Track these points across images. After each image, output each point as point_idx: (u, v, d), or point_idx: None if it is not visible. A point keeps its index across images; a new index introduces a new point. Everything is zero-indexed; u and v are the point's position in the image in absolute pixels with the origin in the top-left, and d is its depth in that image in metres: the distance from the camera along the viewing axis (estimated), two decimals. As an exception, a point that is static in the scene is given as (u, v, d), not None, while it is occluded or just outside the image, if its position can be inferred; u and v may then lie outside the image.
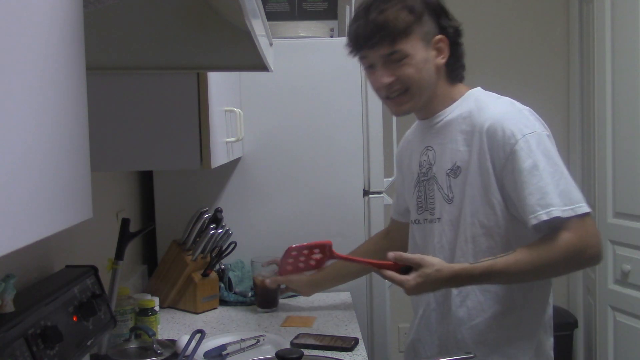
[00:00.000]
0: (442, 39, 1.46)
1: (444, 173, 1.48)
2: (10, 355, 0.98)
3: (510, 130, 1.37)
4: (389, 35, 1.41)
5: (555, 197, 1.33)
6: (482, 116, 1.42)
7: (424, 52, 1.44)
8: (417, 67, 1.44)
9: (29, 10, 0.52)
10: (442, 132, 1.50)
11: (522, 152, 1.35)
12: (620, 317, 2.80)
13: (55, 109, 0.58)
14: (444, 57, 1.47)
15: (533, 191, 1.34)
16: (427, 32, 1.45)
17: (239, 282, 2.26)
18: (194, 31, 1.24)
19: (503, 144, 1.37)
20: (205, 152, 1.56)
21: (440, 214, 1.50)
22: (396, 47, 1.42)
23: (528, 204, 1.34)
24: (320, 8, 2.48)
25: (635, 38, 2.61)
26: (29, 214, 0.52)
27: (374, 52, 1.45)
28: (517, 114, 1.41)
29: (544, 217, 1.32)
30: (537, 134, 1.37)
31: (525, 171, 1.34)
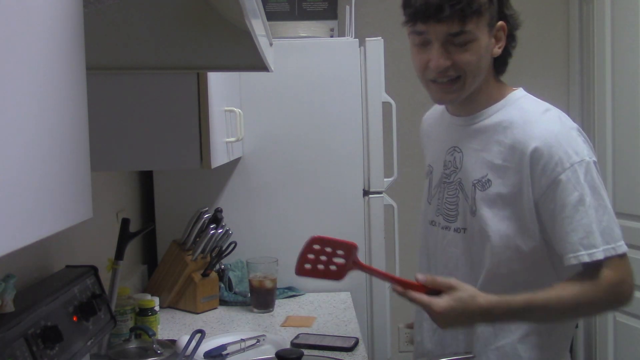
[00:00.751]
0: (503, 27, 1.35)
1: (471, 182, 1.36)
2: (10, 355, 0.98)
3: (559, 157, 1.26)
4: (462, 10, 1.28)
5: (599, 237, 1.26)
6: (528, 133, 1.30)
7: (487, 38, 1.33)
8: (478, 53, 1.32)
9: (29, 10, 0.52)
10: (477, 137, 1.38)
11: (569, 184, 1.25)
12: (620, 317, 2.80)
13: (55, 109, 0.58)
14: (500, 46, 1.36)
15: (576, 228, 1.25)
16: (492, 17, 1.34)
17: (239, 282, 2.26)
18: (194, 31, 1.24)
19: (548, 170, 1.27)
20: (205, 152, 1.56)
21: (464, 224, 1.38)
22: (466, 27, 1.29)
23: (569, 241, 1.26)
24: (320, 8, 2.48)
25: (635, 38, 2.61)
26: (29, 214, 0.52)
27: (439, 27, 1.30)
28: (567, 137, 1.30)
29: (586, 258, 1.25)
30: (585, 162, 1.27)
31: (570, 205, 1.25)
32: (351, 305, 2.16)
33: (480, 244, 1.35)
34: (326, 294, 2.29)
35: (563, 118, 1.35)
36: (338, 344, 1.74)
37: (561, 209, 1.26)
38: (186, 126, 1.55)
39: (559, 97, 3.39)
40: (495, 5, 1.34)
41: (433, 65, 1.33)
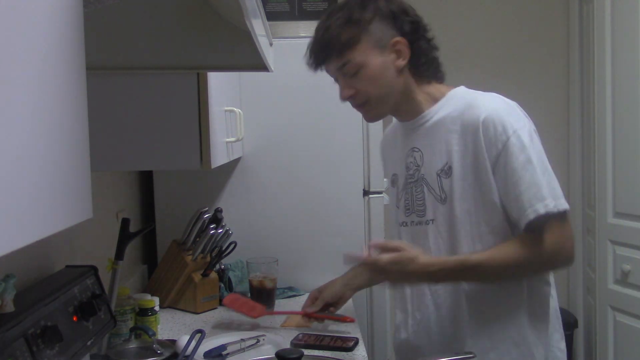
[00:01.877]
0: (400, 41, 1.43)
1: (435, 174, 1.45)
2: (10, 355, 0.98)
3: (503, 125, 1.36)
4: (334, 50, 1.44)
5: (547, 193, 1.34)
6: (475, 112, 1.40)
7: (379, 58, 1.43)
8: (373, 76, 1.43)
9: (29, 10, 0.52)
10: (430, 133, 1.47)
11: (515, 148, 1.34)
12: (620, 317, 2.80)
13: (55, 109, 0.58)
14: (404, 58, 1.44)
15: (528, 186, 1.34)
16: (380, 37, 1.42)
17: (239, 282, 2.26)
18: (194, 31, 1.24)
19: (496, 138, 1.36)
20: (205, 152, 1.56)
21: (433, 215, 1.46)
22: (345, 59, 1.43)
23: (525, 198, 1.34)
24: (320, 8, 2.47)
25: (635, 38, 2.61)
26: (29, 214, 0.52)
27: (328, 67, 1.49)
28: (508, 108, 1.41)
29: (542, 210, 1.32)
30: (527, 128, 1.37)
31: (519, 168, 1.34)
32: (351, 306, 2.16)
33: (453, 230, 1.43)
34: (326, 294, 2.29)
35: (503, 97, 1.45)
36: (338, 344, 1.74)
37: (512, 173, 1.35)
38: (186, 126, 1.55)
39: (559, 97, 3.40)
40: (380, 27, 1.43)
41: (340, 96, 1.51)
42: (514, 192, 1.35)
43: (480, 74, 3.38)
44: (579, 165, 3.29)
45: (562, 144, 3.38)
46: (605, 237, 2.86)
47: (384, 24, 1.43)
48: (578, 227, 3.32)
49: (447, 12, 3.34)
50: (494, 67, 3.37)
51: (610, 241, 2.83)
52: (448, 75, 1.57)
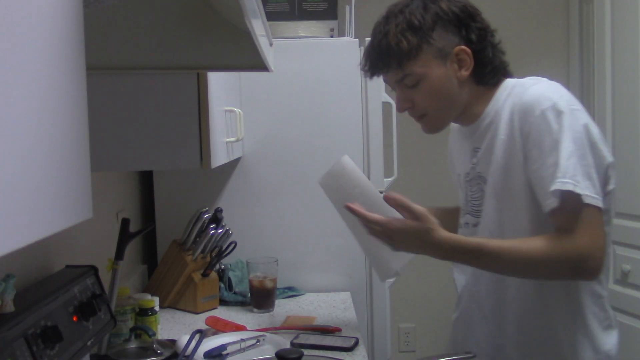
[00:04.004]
0: (463, 50, 1.34)
1: (490, 172, 1.36)
2: (10, 355, 0.98)
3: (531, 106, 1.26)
4: (393, 59, 1.34)
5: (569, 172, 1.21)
6: (514, 100, 1.32)
7: (441, 69, 1.34)
8: (433, 89, 1.35)
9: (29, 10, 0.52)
10: (488, 132, 1.38)
11: (540, 131, 1.24)
12: (620, 317, 2.80)
13: (55, 109, 0.58)
14: (467, 69, 1.36)
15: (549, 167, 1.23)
16: (442, 47, 1.34)
17: (239, 282, 2.26)
18: (194, 31, 1.24)
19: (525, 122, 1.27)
20: (205, 152, 1.56)
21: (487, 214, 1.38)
22: (405, 71, 1.35)
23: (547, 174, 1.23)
24: (320, 8, 2.47)
25: (635, 38, 2.61)
26: (29, 214, 0.52)
27: (387, 77, 1.40)
28: (547, 88, 1.30)
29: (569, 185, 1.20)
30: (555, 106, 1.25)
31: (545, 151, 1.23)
32: (351, 305, 2.16)
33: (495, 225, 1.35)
34: (326, 294, 2.29)
35: (553, 83, 1.35)
36: (338, 344, 1.74)
37: (536, 159, 1.25)
38: (186, 126, 1.55)
39: (559, 97, 3.40)
40: (443, 35, 1.34)
41: (397, 108, 1.43)
42: (537, 180, 1.26)
43: (480, 74, 3.38)
44: (579, 165, 3.28)
45: (562, 144, 3.37)
46: (605, 237, 2.86)
47: (447, 31, 1.34)
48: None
49: (447, 12, 3.34)
50: (494, 67, 3.37)
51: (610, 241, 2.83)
52: None
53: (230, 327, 1.91)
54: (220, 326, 1.92)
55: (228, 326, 1.92)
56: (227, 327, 1.92)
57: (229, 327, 1.91)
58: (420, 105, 1.39)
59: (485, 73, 1.38)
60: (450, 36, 1.35)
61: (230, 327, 1.91)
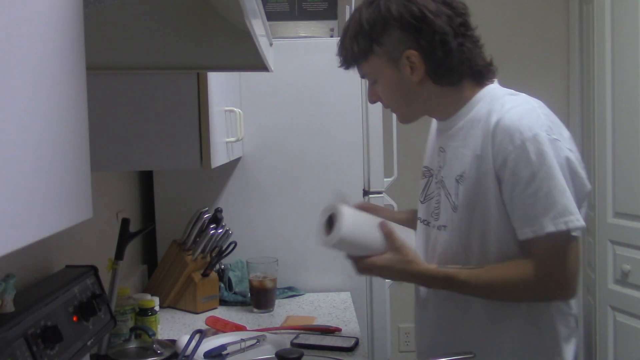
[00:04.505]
0: (412, 54, 1.36)
1: (453, 179, 1.38)
2: (10, 355, 0.98)
3: (511, 133, 1.27)
4: (350, 60, 1.44)
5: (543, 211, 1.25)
6: (493, 116, 1.32)
7: (393, 72, 1.39)
8: (387, 88, 1.43)
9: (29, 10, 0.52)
10: (457, 136, 1.40)
11: (521, 161, 1.26)
12: (620, 317, 2.80)
13: (55, 109, 0.58)
14: (418, 73, 1.37)
15: (525, 205, 1.27)
16: (392, 50, 1.37)
17: (239, 282, 2.26)
18: (194, 31, 1.24)
19: (502, 147, 1.28)
20: (205, 152, 1.56)
21: (446, 221, 1.40)
22: (362, 71, 1.45)
23: (518, 218, 1.28)
24: (320, 8, 2.47)
25: (635, 38, 2.61)
26: (29, 214, 0.52)
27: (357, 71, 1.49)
28: (526, 112, 1.31)
29: (529, 234, 1.27)
30: (538, 137, 1.26)
31: (522, 182, 1.26)
32: (351, 305, 2.16)
33: (465, 239, 1.37)
34: (326, 294, 2.29)
35: (530, 99, 1.37)
36: (338, 344, 1.74)
37: (512, 187, 1.28)
38: (186, 126, 1.55)
39: (559, 97, 3.40)
40: (393, 39, 1.36)
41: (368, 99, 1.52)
42: (511, 208, 1.29)
43: (480, 74, 3.38)
44: (579, 165, 3.28)
45: (562, 144, 3.37)
46: (605, 237, 2.85)
47: (397, 35, 1.36)
48: (578, 227, 3.32)
49: (447, 12, 3.33)
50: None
51: (610, 241, 2.83)
52: None
53: (230, 327, 1.91)
54: (220, 326, 1.92)
55: (228, 326, 1.92)
56: (227, 327, 1.92)
57: (229, 327, 1.91)
58: (384, 100, 1.48)
59: (441, 74, 1.38)
60: (400, 40, 1.36)
61: (230, 327, 1.91)
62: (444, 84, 1.40)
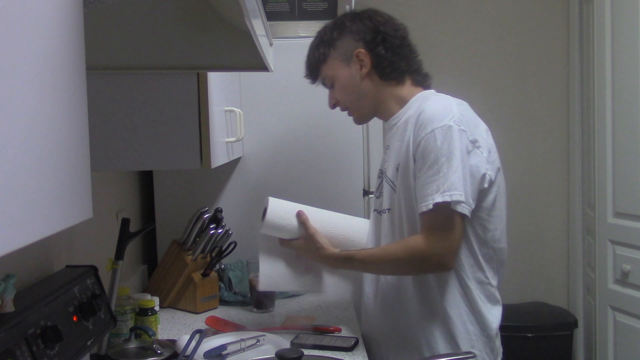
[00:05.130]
0: (359, 52, 1.63)
1: (394, 167, 1.61)
2: (10, 355, 0.98)
3: (424, 123, 1.50)
4: (312, 68, 1.71)
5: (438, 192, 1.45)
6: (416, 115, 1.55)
7: (346, 69, 1.65)
8: (344, 86, 1.66)
9: (29, 10, 0.52)
10: (396, 133, 1.63)
11: (428, 146, 1.47)
12: (620, 317, 2.80)
13: (55, 109, 0.58)
14: (366, 66, 1.64)
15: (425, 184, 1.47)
16: (345, 51, 1.64)
17: (239, 282, 2.26)
18: (194, 31, 1.24)
19: (417, 135, 1.50)
20: (205, 152, 1.56)
21: (389, 204, 1.63)
22: (322, 75, 1.70)
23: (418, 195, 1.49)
24: (320, 8, 2.47)
25: (635, 38, 2.61)
26: (29, 214, 0.52)
27: (318, 83, 1.74)
28: (442, 106, 1.53)
29: (423, 209, 1.47)
30: (446, 127, 1.47)
31: (426, 165, 1.47)
32: (351, 305, 2.16)
33: (399, 220, 1.60)
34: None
35: (452, 99, 1.59)
36: (338, 344, 1.74)
37: (420, 169, 1.49)
38: (186, 126, 1.55)
39: (559, 98, 3.40)
40: (344, 42, 1.65)
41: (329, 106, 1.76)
42: (416, 188, 1.50)
43: (481, 74, 3.38)
44: (579, 165, 3.29)
45: (562, 144, 3.38)
46: (605, 237, 2.86)
47: (348, 39, 1.65)
48: (578, 227, 3.32)
49: (447, 13, 3.34)
50: (494, 67, 3.37)
51: (610, 241, 2.83)
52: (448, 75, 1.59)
53: (230, 327, 1.91)
54: (220, 326, 1.92)
55: (228, 326, 1.92)
56: (227, 327, 1.91)
57: (229, 327, 1.91)
58: (341, 101, 1.70)
59: (383, 68, 1.64)
60: (351, 42, 1.65)
61: (230, 327, 1.91)
62: (387, 79, 1.65)
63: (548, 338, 3.08)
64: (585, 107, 3.21)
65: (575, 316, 3.26)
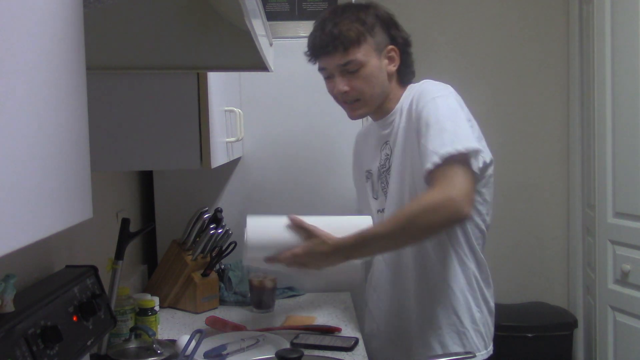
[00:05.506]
0: (393, 49, 1.63)
1: (399, 163, 1.61)
2: (10, 355, 0.98)
3: (422, 96, 1.52)
4: (342, 43, 1.57)
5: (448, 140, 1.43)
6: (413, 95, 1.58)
7: (376, 61, 1.61)
8: (370, 76, 1.60)
9: (29, 10, 0.52)
10: (392, 125, 1.65)
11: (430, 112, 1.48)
12: (620, 317, 2.80)
13: (55, 109, 0.58)
14: (395, 65, 1.64)
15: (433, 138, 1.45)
16: (379, 42, 1.61)
17: (239, 282, 2.26)
18: (194, 31, 1.24)
19: (416, 109, 1.52)
20: (205, 152, 1.56)
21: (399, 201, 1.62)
22: (350, 57, 1.58)
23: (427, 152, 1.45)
24: (320, 8, 2.47)
25: (635, 38, 2.61)
26: (29, 214, 0.52)
27: (330, 61, 1.61)
28: (435, 85, 1.56)
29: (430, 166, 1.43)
30: (445, 95, 1.51)
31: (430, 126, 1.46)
32: (351, 305, 2.16)
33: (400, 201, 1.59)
34: (326, 294, 2.29)
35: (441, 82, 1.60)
36: (338, 344, 1.74)
37: (425, 133, 1.47)
38: (186, 126, 1.55)
39: (559, 98, 3.39)
40: (380, 32, 1.61)
41: (335, 91, 1.65)
42: (421, 151, 1.47)
43: (480, 74, 3.38)
44: (579, 165, 3.29)
45: (562, 143, 3.38)
46: (605, 237, 2.85)
47: (382, 31, 1.62)
48: (578, 227, 3.32)
49: (447, 13, 3.34)
50: (494, 67, 3.37)
51: (610, 241, 2.83)
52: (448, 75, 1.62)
53: (230, 327, 1.91)
54: (220, 326, 1.92)
55: (228, 326, 1.92)
56: (227, 327, 1.92)
57: (229, 327, 1.91)
58: (357, 89, 1.62)
59: (407, 72, 1.67)
60: (384, 35, 1.62)
61: (230, 327, 1.91)
62: (402, 82, 1.68)
63: (548, 338, 3.08)
64: (585, 107, 3.21)
65: (575, 316, 3.26)
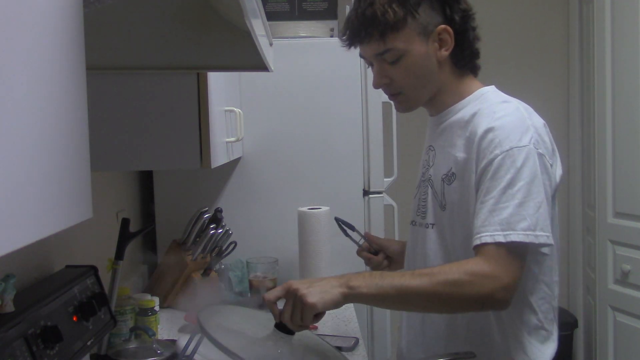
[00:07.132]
0: (445, 29, 1.32)
1: (440, 178, 1.36)
2: (10, 355, 0.98)
3: (499, 140, 1.24)
4: (377, 30, 1.30)
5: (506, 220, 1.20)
6: (483, 120, 1.29)
7: (422, 47, 1.32)
8: (412, 66, 1.33)
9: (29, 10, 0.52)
10: (445, 134, 1.39)
11: (503, 167, 1.22)
12: (620, 317, 2.80)
13: (55, 109, 0.58)
14: (447, 49, 1.34)
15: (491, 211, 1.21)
16: (426, 24, 1.31)
17: (239, 282, 2.26)
18: (194, 31, 1.24)
19: (488, 151, 1.25)
20: (205, 152, 1.56)
21: (434, 219, 1.38)
22: (387, 45, 1.31)
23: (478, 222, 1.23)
24: (320, 8, 2.47)
25: (635, 38, 2.61)
26: (29, 214, 0.52)
27: (366, 49, 1.35)
28: (516, 123, 1.27)
29: (476, 241, 1.21)
30: (526, 149, 1.23)
31: (496, 187, 1.22)
32: (351, 305, 2.16)
33: (451, 238, 1.34)
34: (326, 294, 2.29)
35: (521, 108, 1.32)
36: (338, 344, 1.74)
37: (488, 190, 1.23)
38: (186, 126, 1.55)
39: (559, 98, 3.40)
40: (427, 12, 1.32)
41: (373, 83, 1.39)
42: (479, 210, 1.23)
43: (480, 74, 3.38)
44: (579, 165, 3.29)
45: (562, 143, 3.38)
46: (605, 237, 2.86)
47: (432, 8, 1.32)
48: (578, 227, 3.32)
49: (447, 12, 3.34)
50: (494, 67, 3.37)
51: (610, 241, 2.83)
52: None
53: None
54: None
55: None
56: None
57: None
58: (398, 82, 1.36)
59: (465, 55, 1.37)
60: (434, 14, 1.33)
61: None
62: (460, 67, 1.38)
63: (548, 338, 3.08)
64: (585, 107, 3.21)
65: (575, 316, 3.26)
